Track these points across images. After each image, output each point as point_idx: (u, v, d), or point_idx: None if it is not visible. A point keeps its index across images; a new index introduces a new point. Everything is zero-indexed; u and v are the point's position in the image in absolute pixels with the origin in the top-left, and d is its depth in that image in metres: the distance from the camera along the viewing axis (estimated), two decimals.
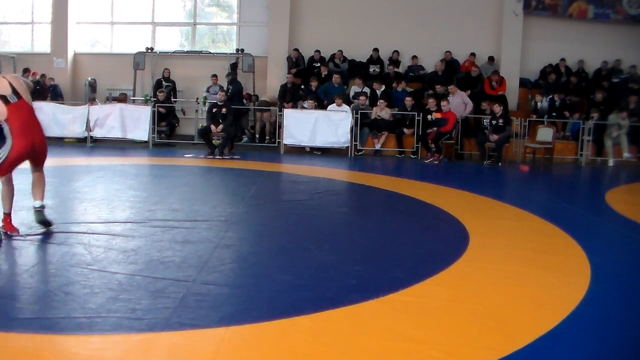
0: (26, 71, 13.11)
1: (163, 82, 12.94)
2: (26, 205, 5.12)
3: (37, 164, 4.40)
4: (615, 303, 3.23)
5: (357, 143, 11.06)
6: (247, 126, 12.84)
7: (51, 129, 11.11)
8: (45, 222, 4.31)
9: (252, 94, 13.10)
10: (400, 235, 4.76)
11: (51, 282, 3.20)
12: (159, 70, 13.73)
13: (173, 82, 13.22)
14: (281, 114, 11.22)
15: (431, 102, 10.86)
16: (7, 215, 4.17)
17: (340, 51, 13.03)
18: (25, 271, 3.30)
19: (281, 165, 9.67)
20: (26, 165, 4.38)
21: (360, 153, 11.08)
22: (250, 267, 3.72)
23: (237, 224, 4.93)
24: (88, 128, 11.06)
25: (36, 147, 4.24)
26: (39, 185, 4.41)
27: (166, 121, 11.97)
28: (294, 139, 10.96)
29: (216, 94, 11.25)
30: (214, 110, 10.39)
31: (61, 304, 2.88)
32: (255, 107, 12.36)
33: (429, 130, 10.67)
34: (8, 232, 4.10)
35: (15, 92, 4.07)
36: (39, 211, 4.33)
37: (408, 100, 11.28)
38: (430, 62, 13.17)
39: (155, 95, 12.31)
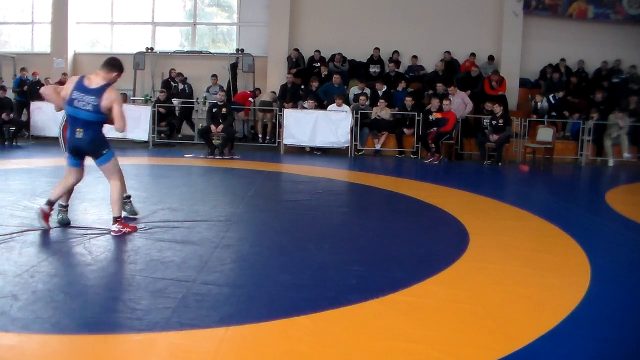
0: (22, 69, 13.16)
1: (171, 83, 12.96)
2: (27, 206, 5.14)
3: None
4: (615, 303, 3.22)
5: (357, 143, 11.06)
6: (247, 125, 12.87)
7: (51, 129, 11.12)
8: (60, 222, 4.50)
9: (254, 87, 13.07)
10: (400, 235, 4.76)
11: (51, 282, 3.20)
12: (158, 71, 13.75)
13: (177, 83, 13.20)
14: (281, 114, 11.23)
15: (435, 103, 10.84)
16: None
17: (340, 54, 13.01)
18: (25, 271, 3.30)
19: (281, 165, 9.67)
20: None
21: (360, 153, 11.08)
22: (250, 267, 3.71)
23: (237, 224, 4.93)
24: None
25: None
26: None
27: (166, 121, 11.98)
28: (294, 139, 10.96)
29: (216, 94, 11.25)
30: (214, 110, 10.40)
31: (61, 304, 2.88)
32: (257, 107, 12.36)
33: (429, 130, 10.68)
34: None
35: None
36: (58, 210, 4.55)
37: (408, 100, 11.29)
38: (430, 62, 13.17)
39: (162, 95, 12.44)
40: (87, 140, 4.24)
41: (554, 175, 9.63)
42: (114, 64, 4.29)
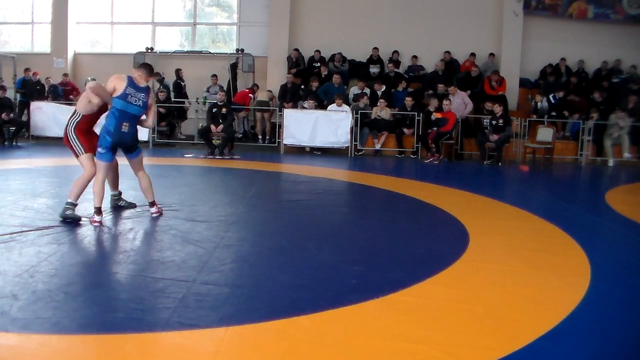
0: (26, 70, 13.13)
1: (181, 83, 12.96)
2: (27, 206, 5.14)
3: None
4: (615, 303, 3.22)
5: (357, 143, 11.06)
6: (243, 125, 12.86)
7: (51, 129, 11.16)
8: (70, 218, 4.60)
9: (253, 84, 13.07)
10: (400, 235, 4.76)
11: (51, 282, 3.20)
12: (158, 70, 13.72)
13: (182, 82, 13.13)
14: (281, 114, 11.23)
15: (434, 102, 10.85)
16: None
17: (340, 54, 13.01)
18: (25, 271, 3.30)
19: (281, 165, 9.67)
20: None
21: (360, 153, 11.08)
22: (250, 267, 3.71)
23: (237, 224, 4.93)
24: None
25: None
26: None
27: (166, 121, 11.98)
28: (294, 139, 10.96)
29: (216, 94, 11.25)
30: (214, 110, 10.40)
31: (61, 304, 2.87)
32: (255, 107, 12.36)
33: (429, 130, 10.68)
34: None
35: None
36: (65, 207, 4.65)
37: (408, 100, 11.29)
38: (430, 62, 13.17)
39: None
40: (132, 133, 4.75)
41: (554, 175, 9.63)
42: (152, 70, 4.91)
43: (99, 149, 4.62)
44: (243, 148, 11.22)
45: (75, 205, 4.63)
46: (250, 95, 12.45)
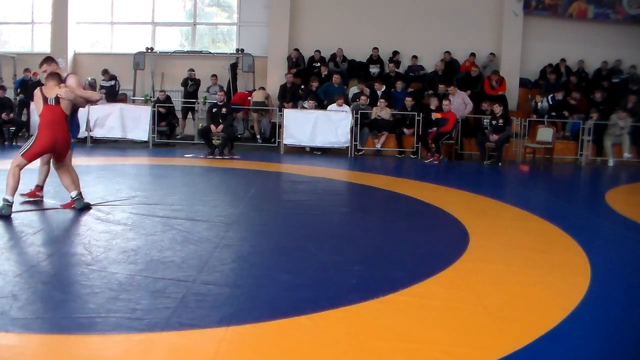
0: (26, 70, 13.11)
1: (189, 82, 12.94)
2: (27, 206, 5.14)
3: (59, 160, 5.08)
4: (615, 303, 3.22)
5: (357, 143, 11.06)
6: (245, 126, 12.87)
7: None
8: (86, 207, 5.03)
9: (252, 88, 13.07)
10: (400, 235, 4.76)
11: (51, 282, 3.20)
12: (158, 71, 13.74)
13: (198, 81, 13.05)
14: (281, 114, 11.23)
15: (434, 101, 10.87)
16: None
17: (340, 49, 13.01)
18: (26, 271, 3.30)
19: (281, 165, 9.67)
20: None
21: (360, 153, 11.08)
22: (250, 267, 3.71)
23: (237, 224, 4.93)
24: (88, 128, 11.05)
25: (57, 145, 4.91)
26: (66, 177, 5.08)
27: (166, 121, 11.98)
28: (294, 139, 10.96)
29: (216, 94, 11.26)
30: (214, 110, 10.40)
31: (61, 304, 2.87)
32: (251, 107, 12.35)
33: (429, 130, 10.68)
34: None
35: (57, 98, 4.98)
36: (77, 199, 5.02)
37: (408, 100, 11.29)
38: (430, 62, 13.17)
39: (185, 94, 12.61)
40: None
41: (554, 175, 9.63)
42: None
43: (74, 140, 5.33)
44: (243, 148, 11.21)
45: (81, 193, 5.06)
46: (249, 98, 12.45)
